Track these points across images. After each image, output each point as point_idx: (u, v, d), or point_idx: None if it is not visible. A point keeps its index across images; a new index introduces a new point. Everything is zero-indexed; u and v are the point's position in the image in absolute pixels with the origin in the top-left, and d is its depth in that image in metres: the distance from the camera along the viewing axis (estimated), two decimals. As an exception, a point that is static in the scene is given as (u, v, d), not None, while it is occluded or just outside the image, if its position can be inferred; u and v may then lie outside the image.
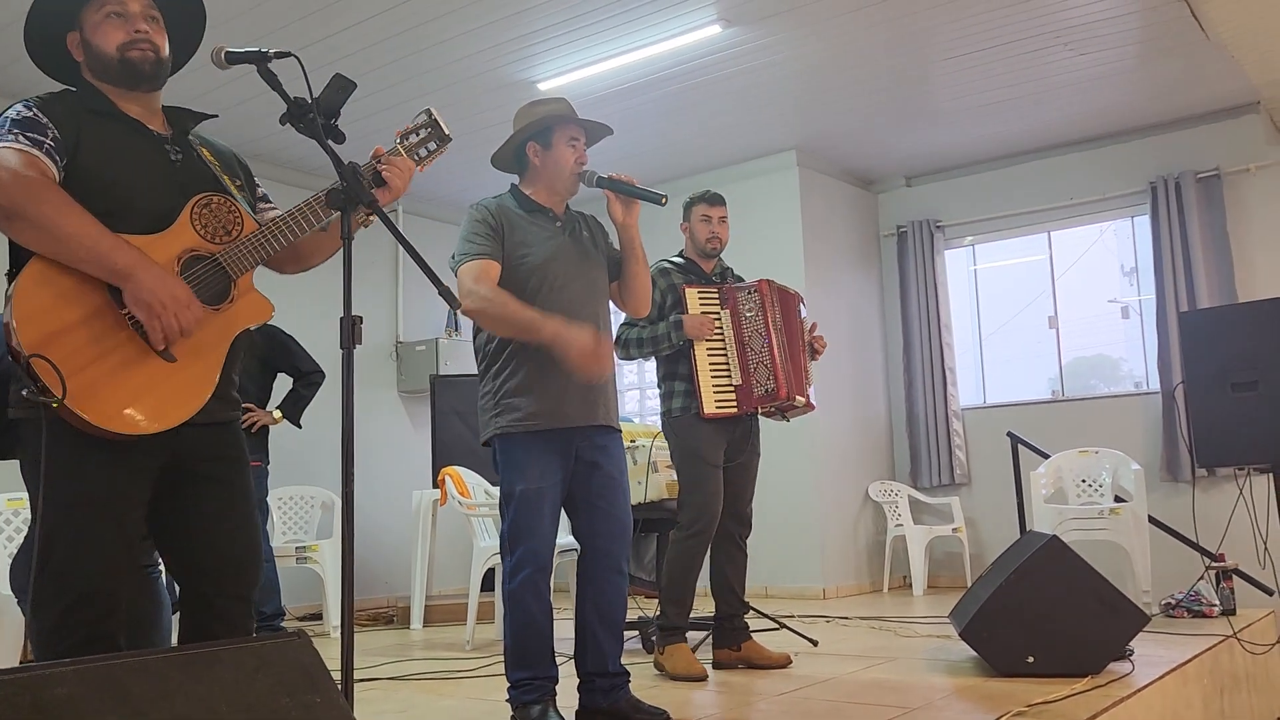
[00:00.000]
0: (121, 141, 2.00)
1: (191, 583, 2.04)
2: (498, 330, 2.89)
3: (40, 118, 1.90)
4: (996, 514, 6.87)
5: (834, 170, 7.32)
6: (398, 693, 3.66)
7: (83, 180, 1.91)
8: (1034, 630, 3.43)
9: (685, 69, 5.52)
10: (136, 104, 2.05)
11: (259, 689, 1.25)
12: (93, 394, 1.80)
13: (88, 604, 1.85)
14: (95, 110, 1.99)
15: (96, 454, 1.86)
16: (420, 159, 2.29)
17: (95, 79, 2.02)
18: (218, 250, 2.00)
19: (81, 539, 1.86)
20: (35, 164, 1.85)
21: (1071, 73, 5.77)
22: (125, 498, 1.91)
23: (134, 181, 1.97)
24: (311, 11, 4.67)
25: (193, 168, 2.08)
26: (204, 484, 2.02)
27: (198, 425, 1.97)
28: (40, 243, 1.83)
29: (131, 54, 1.99)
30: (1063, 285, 7.12)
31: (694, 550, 3.80)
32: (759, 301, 3.98)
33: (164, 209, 1.97)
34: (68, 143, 1.91)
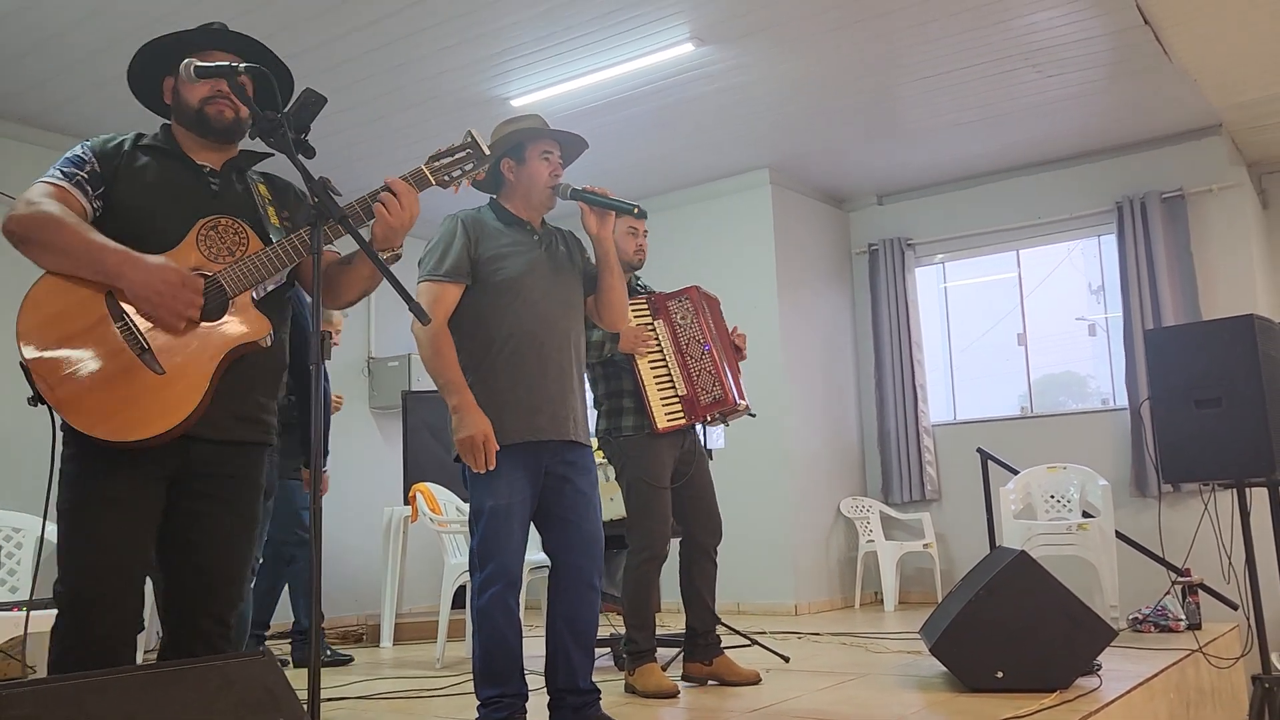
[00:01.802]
0: (158, 172, 2.14)
1: (173, 597, 2.08)
2: (425, 366, 2.92)
3: (86, 155, 2.11)
4: (967, 529, 6.92)
5: (806, 189, 7.38)
6: (366, 713, 3.63)
7: (116, 206, 2.08)
8: (1003, 645, 3.45)
9: (658, 87, 5.56)
10: (201, 146, 2.19)
11: (222, 708, 1.24)
12: (78, 401, 1.91)
13: (88, 607, 1.93)
14: (151, 146, 2.16)
15: (102, 464, 1.96)
16: (452, 179, 2.30)
17: (178, 122, 2.21)
18: (217, 269, 2.06)
19: (81, 547, 1.95)
20: (58, 194, 2.04)
21: (1039, 94, 5.86)
22: (130, 505, 1.98)
23: (160, 209, 2.09)
24: (284, 27, 4.66)
25: (230, 198, 2.18)
26: (205, 502, 2.07)
27: (209, 441, 2.04)
28: (48, 260, 1.99)
29: (209, 109, 2.16)
30: (1031, 303, 7.20)
31: (648, 574, 3.79)
32: (691, 308, 3.97)
33: (181, 232, 2.07)
34: (105, 175, 2.09)
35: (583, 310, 3.13)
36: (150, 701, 1.19)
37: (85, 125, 5.56)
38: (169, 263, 1.99)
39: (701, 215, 7.23)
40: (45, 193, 2.03)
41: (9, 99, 5.32)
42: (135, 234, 2.03)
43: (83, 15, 4.51)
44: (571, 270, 3.10)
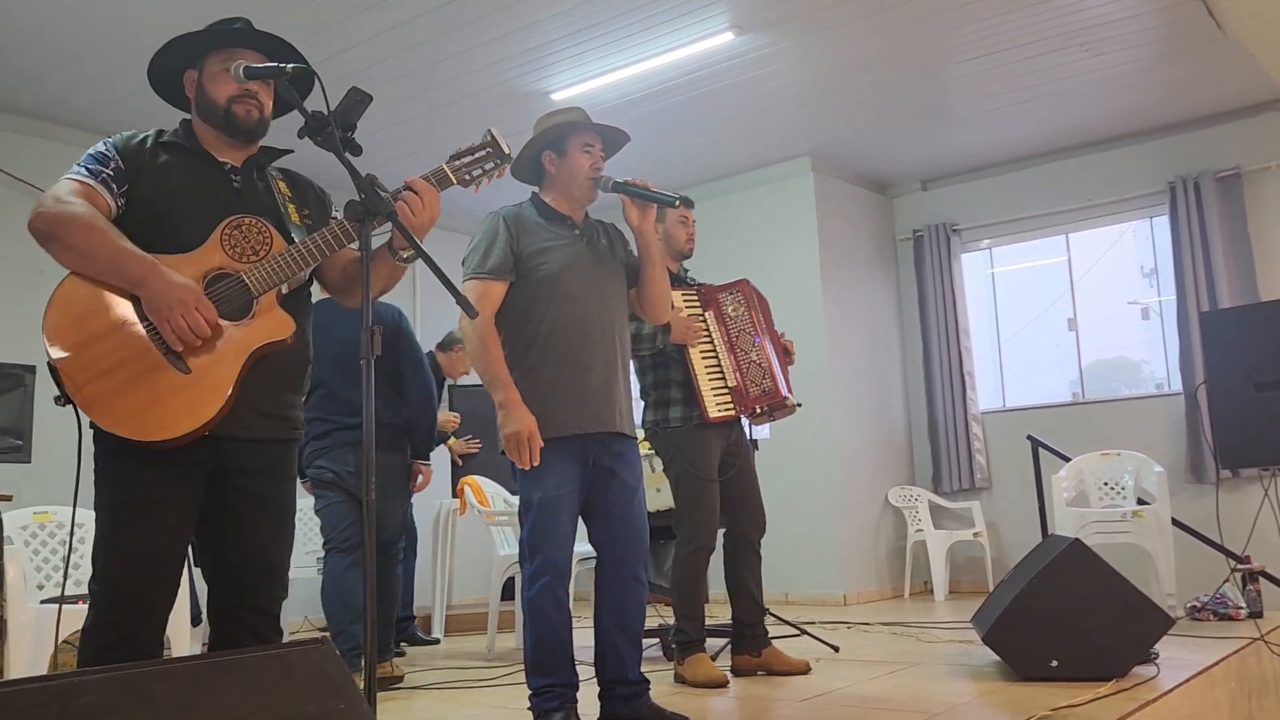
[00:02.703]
0: (182, 170, 2.13)
1: (220, 593, 2.11)
2: (472, 362, 2.94)
3: (109, 152, 2.09)
4: (1018, 518, 6.84)
5: (849, 175, 7.32)
6: (420, 701, 3.67)
7: (139, 204, 2.08)
8: (1057, 634, 3.41)
9: (698, 77, 5.54)
10: (222, 143, 2.19)
11: (284, 696, 1.27)
12: (105, 401, 1.92)
13: (123, 606, 1.95)
14: (172, 144, 2.16)
15: (136, 462, 1.97)
16: (473, 178, 2.31)
17: (199, 118, 2.20)
18: (243, 269, 2.07)
19: (119, 545, 1.96)
20: (84, 191, 2.03)
21: (1088, 74, 5.75)
22: (165, 504, 1.99)
23: (183, 206, 2.09)
24: (327, 26, 4.71)
25: (252, 195, 2.19)
26: (243, 497, 2.09)
27: (241, 440, 2.05)
28: (72, 261, 1.99)
29: (236, 108, 2.15)
30: (1082, 287, 7.08)
31: (697, 565, 3.80)
32: (743, 301, 3.97)
33: (204, 232, 2.08)
34: (130, 172, 2.08)
35: (626, 302, 3.14)
36: (212, 689, 1.22)
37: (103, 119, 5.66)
38: (189, 283, 1.98)
39: (743, 205, 7.21)
40: (72, 190, 2.02)
41: (53, 105, 5.44)
42: (158, 232, 2.04)
43: (125, 20, 4.59)
44: (614, 263, 3.11)
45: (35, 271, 5.43)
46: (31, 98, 5.35)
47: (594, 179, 3.02)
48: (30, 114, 5.53)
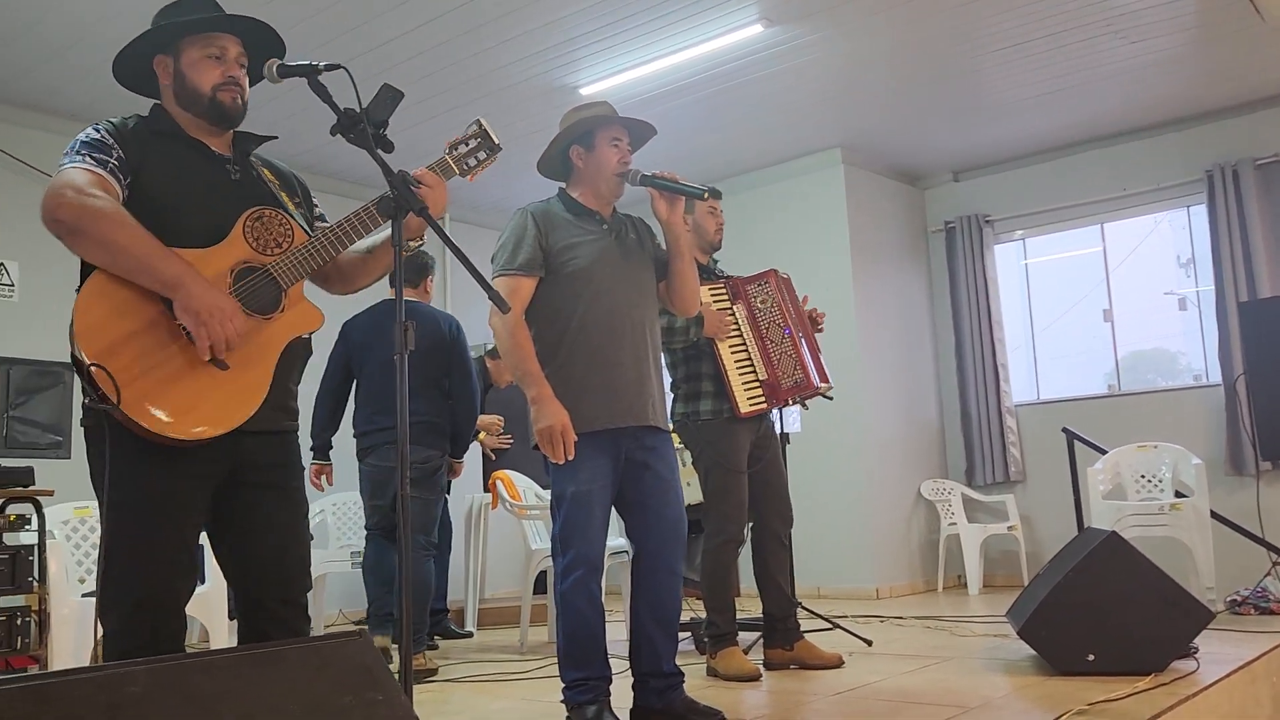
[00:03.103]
0: (183, 162, 2.08)
1: (246, 587, 2.09)
2: (504, 358, 2.96)
3: (107, 139, 2.00)
4: (1053, 511, 6.77)
5: (880, 167, 7.27)
6: (454, 694, 3.70)
7: (144, 198, 2.00)
8: (1094, 628, 3.37)
9: (728, 69, 5.52)
10: (202, 129, 2.14)
11: (322, 687, 1.28)
12: (147, 401, 1.87)
13: (149, 608, 1.92)
14: (161, 132, 2.09)
15: (156, 461, 1.93)
16: (469, 169, 2.32)
17: (177, 105, 2.12)
18: (269, 261, 2.06)
19: (142, 544, 1.92)
20: (99, 182, 1.94)
21: (1122, 61, 5.68)
22: (185, 504, 1.97)
23: (193, 199, 2.05)
24: (356, 25, 4.74)
25: (251, 186, 2.15)
26: (261, 491, 2.07)
27: (257, 434, 2.03)
28: (99, 257, 1.92)
29: (221, 95, 2.10)
30: (1117, 278, 6.99)
31: (726, 558, 3.80)
32: (771, 292, 3.95)
33: (220, 224, 2.04)
34: (132, 163, 2.01)
35: (655, 296, 3.14)
36: (252, 680, 1.23)
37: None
38: (223, 292, 1.96)
39: (774, 197, 7.18)
40: (89, 181, 1.93)
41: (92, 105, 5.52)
42: (166, 226, 1.97)
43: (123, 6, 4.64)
44: (642, 257, 3.11)
45: (74, 270, 5.53)
46: (69, 101, 5.43)
47: (622, 173, 3.02)
48: (65, 115, 5.62)
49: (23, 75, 5.14)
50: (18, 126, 5.46)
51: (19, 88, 5.27)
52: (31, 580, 3.69)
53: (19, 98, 5.38)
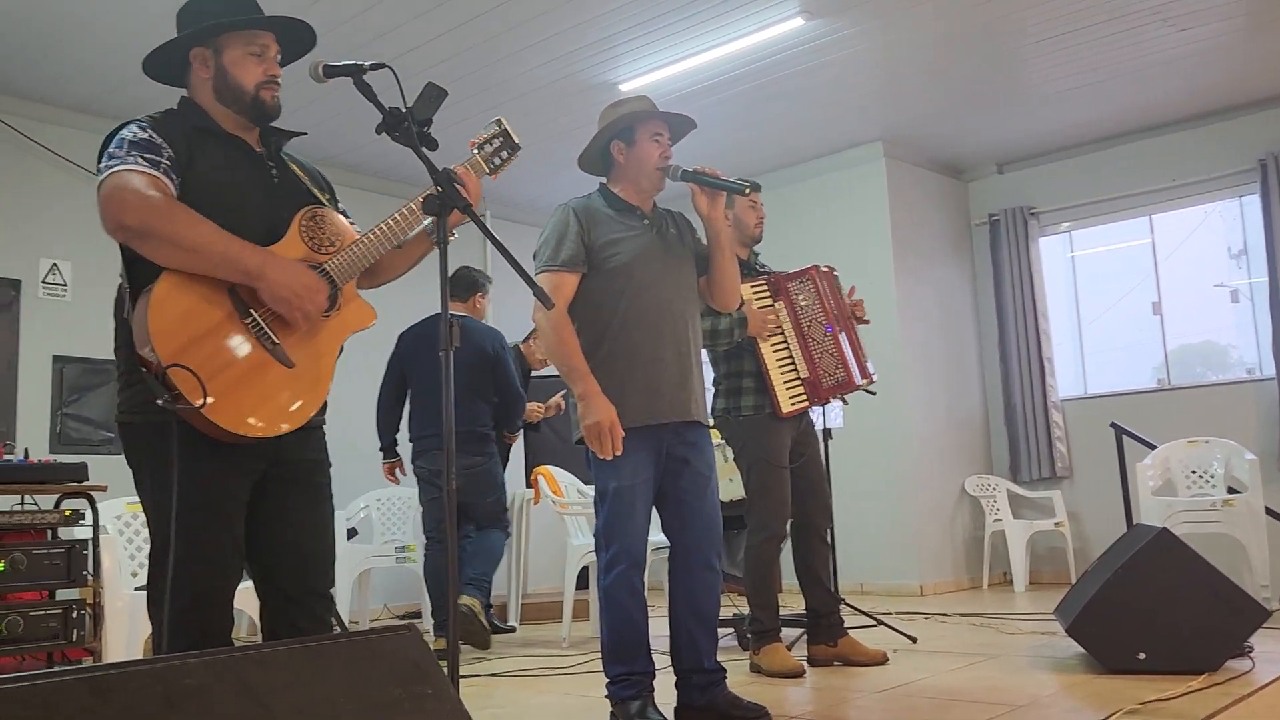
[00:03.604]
0: (229, 160, 2.10)
1: (273, 579, 2.11)
2: (548, 354, 2.95)
3: (155, 138, 2.00)
4: (1101, 507, 6.67)
5: (922, 160, 7.20)
6: (498, 689, 3.72)
7: (196, 196, 1.99)
8: (1145, 625, 3.32)
9: (768, 63, 5.49)
10: (237, 124, 2.15)
11: (372, 680, 1.29)
12: (224, 401, 1.89)
13: (201, 604, 1.95)
14: (201, 129, 2.10)
15: (211, 459, 1.96)
16: (494, 167, 2.35)
17: (215, 100, 2.12)
18: (324, 260, 2.09)
19: (195, 541, 1.95)
20: (155, 183, 1.94)
21: (1171, 49, 5.57)
22: (234, 500, 2.01)
23: (244, 197, 2.08)
24: (395, 26, 4.78)
25: (290, 184, 2.19)
26: (292, 485, 2.11)
27: (298, 428, 2.06)
28: (173, 257, 1.92)
29: (264, 93, 2.12)
30: (1166, 270, 6.87)
31: (769, 554, 3.78)
32: (813, 289, 3.92)
33: (272, 222, 2.07)
34: (181, 160, 2.01)
35: (697, 291, 3.13)
36: (305, 672, 1.25)
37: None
38: (303, 265, 2.00)
39: (815, 192, 7.14)
40: (147, 183, 1.92)
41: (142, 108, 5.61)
42: (225, 225, 1.96)
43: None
44: (683, 252, 3.10)
45: (124, 270, 5.64)
46: (120, 102, 5.53)
47: (663, 167, 3.02)
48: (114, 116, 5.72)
49: (74, 77, 5.24)
50: (69, 128, 5.57)
51: (71, 90, 5.38)
52: (86, 574, 3.76)
53: (72, 100, 5.50)
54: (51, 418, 5.40)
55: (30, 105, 5.45)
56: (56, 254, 5.49)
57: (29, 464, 3.82)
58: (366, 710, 1.24)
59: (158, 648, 1.98)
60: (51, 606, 3.67)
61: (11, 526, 3.69)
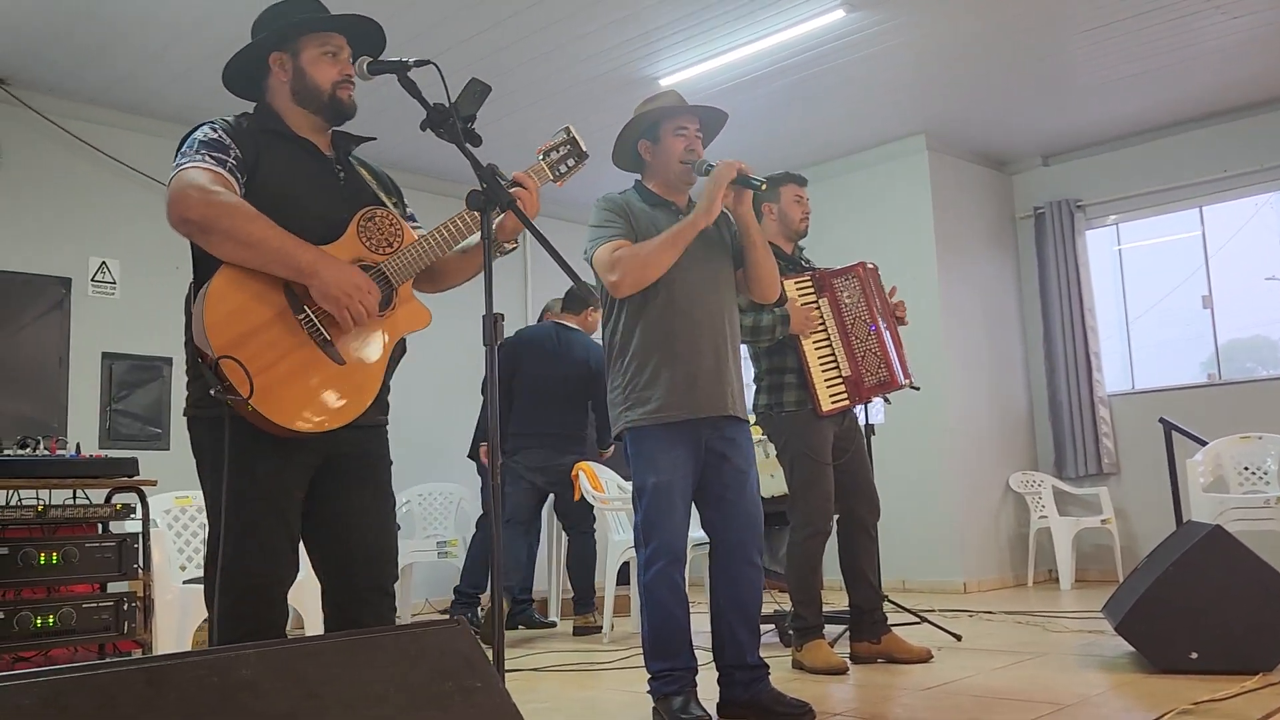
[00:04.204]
0: (295, 161, 2.15)
1: (337, 575, 2.14)
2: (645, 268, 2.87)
3: (224, 139, 2.06)
4: (1149, 505, 6.56)
5: (965, 153, 7.11)
6: (541, 684, 3.74)
7: (261, 195, 2.05)
8: (1197, 624, 3.26)
9: (809, 56, 5.45)
10: (311, 127, 2.20)
11: (422, 673, 1.30)
12: (273, 394, 1.94)
13: (254, 597, 1.99)
14: (271, 130, 2.15)
15: (266, 452, 2.00)
16: (560, 174, 2.37)
17: (293, 102, 2.18)
18: (382, 260, 2.11)
19: (250, 534, 1.99)
20: (220, 180, 2.00)
21: (1223, 38, 5.45)
22: (289, 494, 2.04)
23: (306, 197, 2.12)
24: (435, 23, 4.80)
25: (356, 186, 2.23)
26: (353, 482, 2.13)
27: (352, 426, 2.08)
28: (231, 252, 1.97)
29: (340, 93, 2.18)
30: (1217, 263, 6.73)
31: (813, 550, 3.76)
32: (858, 286, 3.89)
33: (333, 222, 2.11)
34: (248, 160, 2.07)
35: (734, 285, 3.12)
36: (355, 665, 1.26)
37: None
38: (355, 266, 2.03)
39: (856, 185, 7.08)
40: (212, 180, 1.98)
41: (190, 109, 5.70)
42: (284, 222, 2.00)
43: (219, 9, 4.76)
44: (720, 246, 3.10)
45: (171, 268, 5.73)
46: (168, 103, 5.61)
47: (688, 160, 3.01)
48: (163, 117, 5.81)
49: (123, 80, 5.33)
50: (117, 129, 5.67)
51: (119, 92, 5.47)
52: (137, 567, 3.83)
53: (120, 101, 5.59)
54: (101, 414, 5.49)
55: (79, 107, 5.55)
56: (105, 252, 5.59)
57: (82, 459, 3.89)
58: (416, 702, 1.25)
59: (212, 639, 2.01)
60: (103, 599, 3.74)
61: (64, 520, 3.76)
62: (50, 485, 3.76)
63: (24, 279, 5.28)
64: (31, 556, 3.57)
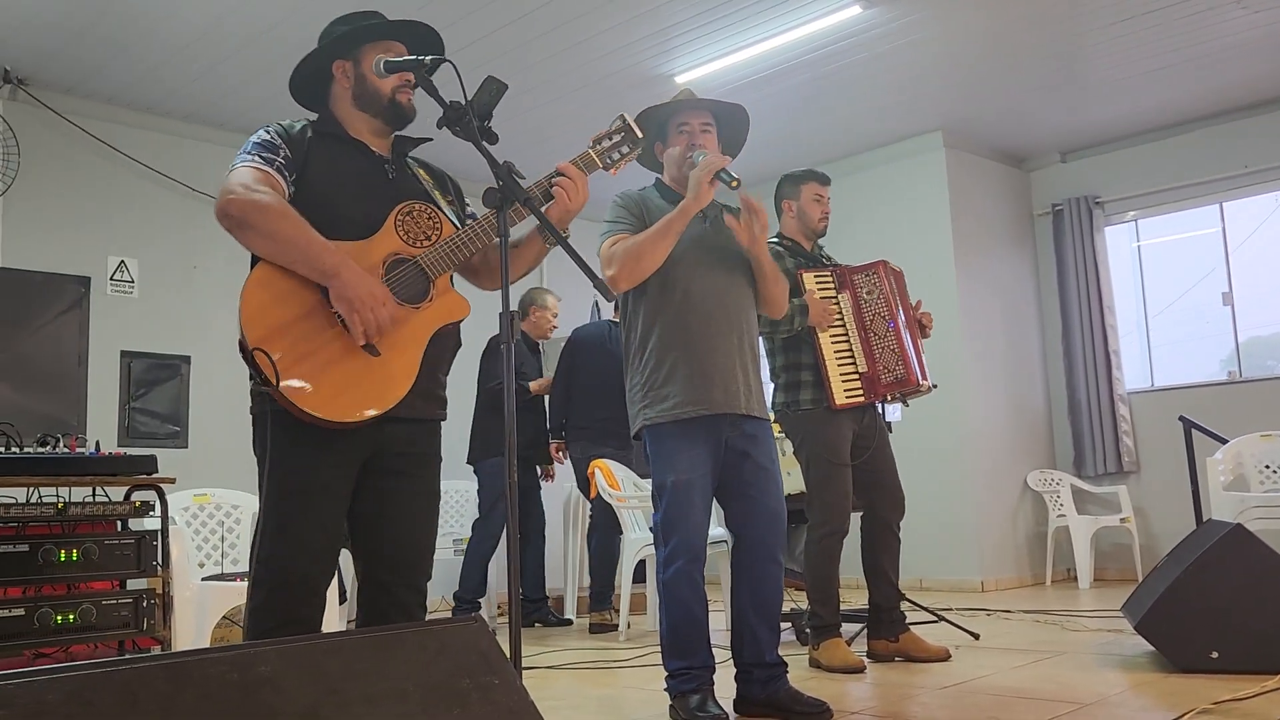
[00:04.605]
0: (344, 160, 2.21)
1: (372, 569, 2.17)
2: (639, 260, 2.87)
3: (275, 140, 2.15)
4: (1169, 503, 6.52)
5: (983, 149, 7.08)
6: (557, 681, 3.74)
7: (307, 193, 2.13)
8: (1218, 623, 3.24)
9: (825, 53, 5.44)
10: (372, 131, 2.26)
11: (441, 670, 1.31)
12: (302, 385, 1.97)
13: (285, 592, 2.02)
14: (325, 133, 2.22)
15: (308, 446, 2.04)
16: (613, 162, 2.38)
17: (354, 107, 2.25)
18: (418, 253, 2.14)
19: (284, 529, 2.03)
20: (265, 179, 2.08)
21: (1244, 32, 5.40)
22: (329, 488, 2.06)
23: (349, 195, 2.16)
24: (452, 21, 4.81)
25: (406, 183, 2.26)
26: (396, 478, 2.15)
27: (401, 420, 2.11)
28: (263, 248, 2.04)
29: (399, 97, 2.24)
30: (1237, 259, 6.67)
31: (830, 549, 3.75)
32: (879, 283, 3.87)
33: (375, 218, 2.15)
34: (297, 160, 2.15)
35: (751, 284, 3.11)
36: (375, 661, 1.27)
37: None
38: (377, 281, 2.05)
39: (873, 182, 7.05)
40: (257, 179, 2.07)
41: (207, 108, 5.73)
42: (325, 219, 2.08)
43: (274, 22, 4.79)
44: (739, 246, 3.09)
45: (189, 267, 5.77)
46: (186, 103, 5.64)
47: (692, 156, 3.00)
48: (181, 117, 5.84)
49: (141, 80, 5.36)
50: (137, 129, 5.70)
51: (138, 92, 5.50)
52: (155, 564, 3.85)
53: (139, 102, 5.62)
54: (119, 412, 5.53)
55: (98, 107, 5.58)
56: (124, 252, 5.62)
57: (101, 456, 3.91)
58: (436, 699, 1.25)
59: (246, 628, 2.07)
60: (122, 596, 3.76)
61: (84, 518, 3.78)
62: (70, 483, 3.78)
63: (44, 278, 5.32)
64: (52, 554, 3.60)
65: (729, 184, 2.84)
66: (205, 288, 5.79)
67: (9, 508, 3.63)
